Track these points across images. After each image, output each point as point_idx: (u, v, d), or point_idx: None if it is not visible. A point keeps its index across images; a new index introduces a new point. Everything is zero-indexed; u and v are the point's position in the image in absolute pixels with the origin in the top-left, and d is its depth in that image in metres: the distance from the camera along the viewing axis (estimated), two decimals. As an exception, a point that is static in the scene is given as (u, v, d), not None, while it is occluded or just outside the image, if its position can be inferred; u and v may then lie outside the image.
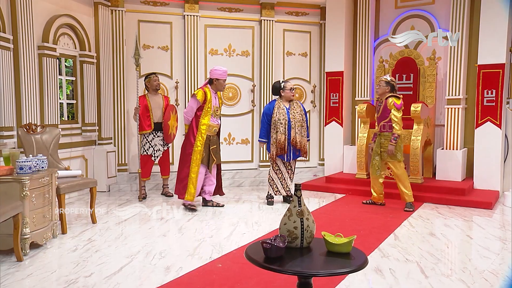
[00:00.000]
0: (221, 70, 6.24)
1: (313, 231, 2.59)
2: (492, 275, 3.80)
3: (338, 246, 2.48)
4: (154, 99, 7.01)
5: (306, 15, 8.84)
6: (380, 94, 6.30)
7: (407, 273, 3.86)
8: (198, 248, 4.57)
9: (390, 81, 6.23)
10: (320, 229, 3.80)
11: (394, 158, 6.16)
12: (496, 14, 6.84)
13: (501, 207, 6.42)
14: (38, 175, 4.39)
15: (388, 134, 6.20)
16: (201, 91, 6.11)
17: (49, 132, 5.56)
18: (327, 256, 2.47)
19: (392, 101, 6.08)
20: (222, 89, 6.37)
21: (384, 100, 6.22)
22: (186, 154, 6.17)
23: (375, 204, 6.53)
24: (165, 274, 3.83)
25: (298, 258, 2.41)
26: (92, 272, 3.84)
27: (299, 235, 2.51)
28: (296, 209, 2.52)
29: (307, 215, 2.55)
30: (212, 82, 6.23)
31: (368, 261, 2.42)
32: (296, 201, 2.54)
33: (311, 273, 2.25)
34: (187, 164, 6.14)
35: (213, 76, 6.22)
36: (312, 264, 2.39)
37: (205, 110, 6.11)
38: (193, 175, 6.11)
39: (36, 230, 4.35)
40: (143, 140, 6.94)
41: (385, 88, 6.21)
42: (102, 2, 7.44)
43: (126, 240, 4.82)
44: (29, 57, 5.96)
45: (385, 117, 6.19)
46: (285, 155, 6.41)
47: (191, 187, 6.11)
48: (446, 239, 4.93)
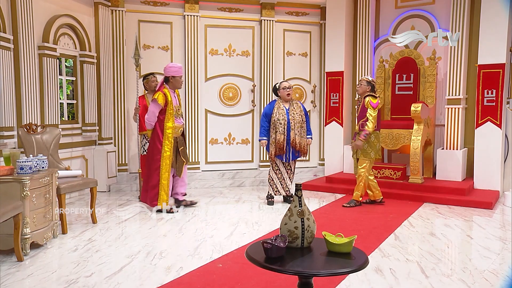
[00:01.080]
0: (176, 67, 6.08)
1: (313, 231, 2.59)
2: (493, 275, 3.80)
3: (338, 246, 2.48)
4: None
5: (306, 15, 8.84)
6: (360, 93, 6.38)
7: (407, 273, 3.86)
8: (198, 248, 4.58)
9: (371, 81, 6.32)
10: (321, 229, 3.79)
11: (366, 155, 6.26)
12: (496, 14, 6.84)
13: (502, 207, 6.42)
14: (38, 175, 4.39)
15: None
16: (161, 95, 5.90)
17: (50, 132, 5.56)
18: (328, 256, 2.47)
19: (369, 100, 6.17)
20: (179, 86, 6.18)
21: (363, 99, 6.30)
22: (154, 160, 5.98)
23: (375, 202, 6.54)
24: (165, 274, 3.83)
25: (298, 258, 2.41)
26: (92, 272, 3.84)
27: (299, 235, 2.51)
28: (297, 209, 2.52)
29: (307, 215, 2.55)
30: (168, 80, 6.04)
31: (368, 261, 2.42)
32: (296, 201, 2.54)
33: (311, 273, 2.25)
34: (156, 171, 5.96)
35: (168, 73, 6.02)
36: (313, 264, 2.39)
37: (168, 113, 5.94)
38: (164, 182, 5.96)
39: (37, 230, 4.36)
40: (143, 140, 6.93)
41: (366, 88, 6.30)
42: (102, 2, 7.44)
43: (126, 240, 4.82)
44: (29, 57, 5.96)
45: (363, 116, 6.26)
46: (284, 155, 6.41)
47: (163, 194, 5.97)
48: (446, 239, 4.93)
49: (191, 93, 8.15)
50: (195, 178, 8.08)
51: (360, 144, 6.19)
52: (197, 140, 8.28)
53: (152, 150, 6.07)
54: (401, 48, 8.02)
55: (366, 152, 6.26)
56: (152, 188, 6.02)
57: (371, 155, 6.27)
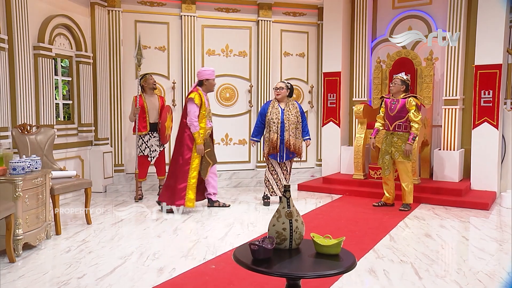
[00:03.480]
0: (209, 70, 6.19)
1: (302, 232, 2.57)
2: (487, 277, 3.78)
3: (327, 248, 2.46)
4: (150, 100, 6.97)
5: (303, 16, 8.82)
6: (394, 92, 6.22)
7: (401, 274, 3.85)
8: (192, 249, 4.56)
9: (405, 80, 6.17)
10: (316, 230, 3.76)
11: (406, 158, 6.11)
12: (493, 15, 6.82)
13: (498, 208, 6.40)
14: (31, 175, 4.37)
15: (403, 134, 6.12)
16: (197, 95, 6.00)
17: (44, 133, 5.54)
18: (316, 257, 2.45)
19: (414, 102, 6.03)
20: (212, 89, 6.33)
21: (401, 100, 6.13)
22: (185, 160, 6.02)
23: (386, 205, 6.48)
24: (157, 275, 3.81)
25: (286, 260, 2.39)
26: (84, 274, 3.82)
27: (288, 237, 2.49)
28: (285, 210, 2.50)
29: (296, 217, 2.53)
30: (203, 83, 6.16)
31: (356, 263, 2.40)
32: (285, 202, 2.52)
33: (298, 275, 2.24)
34: (186, 171, 5.99)
35: (202, 77, 6.14)
36: (301, 265, 2.37)
37: (201, 114, 6.04)
38: (193, 181, 6.03)
39: (29, 231, 4.33)
40: (139, 140, 6.91)
41: (400, 87, 6.15)
42: (99, 2, 7.43)
43: (120, 241, 4.80)
44: (24, 57, 5.94)
45: (401, 117, 6.09)
46: (277, 154, 6.38)
47: (191, 193, 6.01)
48: (441, 240, 4.91)
49: (187, 93, 8.11)
50: (191, 179, 8.06)
51: (410, 149, 6.01)
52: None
53: (181, 150, 6.08)
54: (398, 49, 8.01)
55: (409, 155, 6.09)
56: (179, 188, 6.02)
57: (411, 157, 6.15)
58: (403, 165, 6.17)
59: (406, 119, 6.07)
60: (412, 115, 6.01)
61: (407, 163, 6.16)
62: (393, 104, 6.19)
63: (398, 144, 6.13)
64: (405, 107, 6.06)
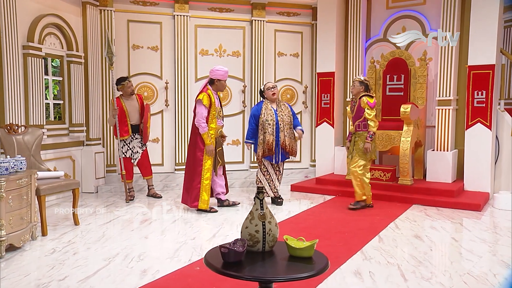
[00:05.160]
0: (223, 71, 6.15)
1: (276, 234, 2.52)
2: (472, 278, 3.74)
3: (299, 251, 2.42)
4: (128, 102, 6.89)
5: (297, 16, 8.78)
6: (354, 94, 6.33)
7: (386, 276, 3.80)
8: (178, 250, 4.52)
9: (363, 81, 6.26)
10: (306, 231, 3.72)
11: (363, 155, 6.17)
12: (487, 15, 6.77)
13: (491, 209, 6.35)
14: (15, 176, 4.33)
15: (362, 133, 6.20)
16: (206, 96, 5.97)
17: (31, 133, 5.50)
18: (289, 260, 2.41)
19: (366, 100, 6.11)
20: (223, 90, 6.32)
21: (358, 100, 6.23)
22: (197, 161, 6.03)
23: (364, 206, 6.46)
24: (140, 277, 3.77)
25: (258, 263, 2.35)
26: (66, 275, 3.78)
27: (261, 239, 2.45)
28: (258, 212, 2.46)
29: (269, 219, 2.49)
30: (213, 82, 6.13)
31: (329, 265, 2.35)
32: (258, 204, 2.48)
33: (268, 278, 2.19)
34: (199, 172, 6.01)
35: (214, 76, 6.11)
36: (272, 268, 2.33)
37: (211, 114, 6.02)
38: (206, 182, 6.03)
39: (13, 232, 4.28)
40: (121, 142, 6.85)
41: (359, 88, 6.25)
42: (91, 1, 7.39)
43: (106, 242, 4.76)
44: (13, 57, 5.89)
45: (360, 117, 6.20)
46: (273, 156, 6.35)
47: (205, 195, 6.02)
48: (430, 241, 4.86)
49: (181, 94, 8.09)
50: (184, 179, 8.02)
51: (369, 146, 6.07)
52: (187, 141, 8.21)
53: (194, 151, 6.08)
54: (392, 49, 7.97)
55: (362, 151, 6.16)
56: (193, 189, 6.04)
57: (368, 156, 6.19)
58: (356, 160, 6.23)
59: (364, 118, 6.17)
60: (366, 113, 6.11)
61: (358, 159, 6.21)
62: (353, 105, 6.34)
63: (358, 143, 6.23)
64: (361, 107, 6.17)
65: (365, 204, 6.36)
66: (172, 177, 8.05)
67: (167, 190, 7.72)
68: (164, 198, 7.07)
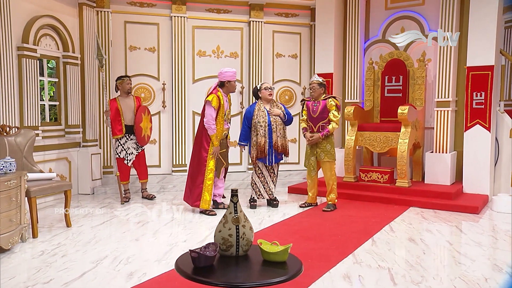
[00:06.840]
0: (232, 72, 6.13)
1: (250, 238, 2.47)
2: (463, 282, 3.67)
3: (273, 255, 2.36)
4: (125, 102, 6.87)
5: (296, 17, 8.73)
6: (315, 96, 6.37)
7: (376, 280, 3.74)
8: (168, 253, 4.47)
9: (322, 82, 6.36)
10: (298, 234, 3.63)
11: (331, 157, 6.28)
12: (485, 15, 6.69)
13: (489, 212, 6.27)
14: (4, 177, 4.30)
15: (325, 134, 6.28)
16: (215, 98, 5.94)
17: (24, 135, 5.48)
18: (262, 265, 2.35)
19: (334, 102, 6.23)
20: (233, 91, 6.29)
21: (322, 101, 6.30)
22: (201, 161, 6.03)
23: (311, 205, 6.61)
24: (126, 280, 3.72)
25: (231, 267, 2.29)
26: (51, 278, 3.74)
27: (234, 243, 2.39)
28: (232, 216, 2.41)
29: (243, 222, 2.43)
30: (224, 85, 6.10)
31: (302, 270, 2.30)
32: (232, 208, 2.43)
33: (238, 284, 2.13)
34: (202, 172, 6.01)
35: (224, 78, 6.08)
36: (245, 273, 2.27)
37: (219, 116, 6.01)
38: (209, 182, 6.02)
39: (1, 234, 4.26)
40: (116, 143, 6.83)
41: (320, 90, 6.35)
42: (87, 3, 7.37)
43: (96, 244, 4.72)
44: (7, 58, 5.87)
45: (324, 118, 6.27)
46: (266, 158, 6.30)
47: (207, 195, 6.01)
48: (424, 244, 4.78)
49: (178, 95, 8.06)
50: (182, 181, 7.96)
51: (317, 138, 6.19)
52: (185, 142, 8.19)
53: (198, 151, 6.09)
54: (390, 50, 7.91)
55: (331, 153, 6.28)
56: (196, 189, 6.05)
57: (335, 156, 6.33)
58: (329, 165, 6.34)
59: (328, 119, 6.24)
60: (331, 115, 6.21)
61: (332, 163, 6.33)
62: (315, 106, 6.36)
63: (323, 144, 6.29)
64: (326, 108, 6.23)
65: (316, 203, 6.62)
66: (169, 178, 8.02)
67: (163, 192, 7.69)
68: (160, 200, 7.03)
